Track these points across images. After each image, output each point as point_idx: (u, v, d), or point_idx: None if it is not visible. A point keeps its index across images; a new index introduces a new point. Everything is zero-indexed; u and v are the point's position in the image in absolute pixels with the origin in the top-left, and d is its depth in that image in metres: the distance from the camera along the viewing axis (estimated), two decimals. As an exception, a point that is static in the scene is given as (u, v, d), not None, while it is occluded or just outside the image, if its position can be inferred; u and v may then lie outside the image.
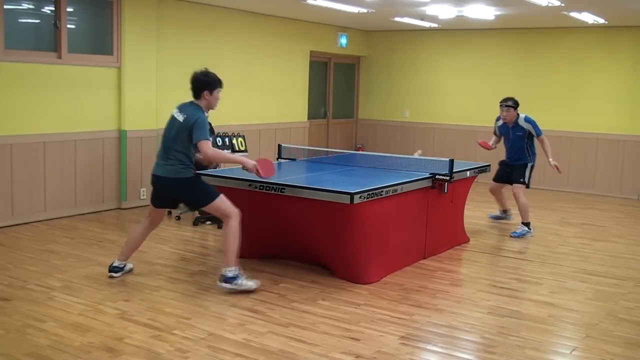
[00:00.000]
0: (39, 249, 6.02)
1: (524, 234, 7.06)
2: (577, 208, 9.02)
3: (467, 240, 6.76)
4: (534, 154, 7.20)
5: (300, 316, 4.44)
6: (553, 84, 10.49)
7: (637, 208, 9.19)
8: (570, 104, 10.36)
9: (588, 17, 8.91)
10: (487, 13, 8.94)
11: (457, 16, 9.10)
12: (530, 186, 7.25)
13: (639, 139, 9.89)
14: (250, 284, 4.89)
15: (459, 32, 11.15)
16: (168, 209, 6.14)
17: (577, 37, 10.23)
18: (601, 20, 9.19)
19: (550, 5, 7.76)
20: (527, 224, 7.13)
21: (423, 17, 9.58)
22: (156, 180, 5.04)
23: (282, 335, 4.08)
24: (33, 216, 7.03)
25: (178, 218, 7.46)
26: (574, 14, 8.67)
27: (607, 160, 10.14)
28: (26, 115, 6.91)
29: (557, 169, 7.01)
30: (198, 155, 5.04)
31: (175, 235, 6.68)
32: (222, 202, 4.94)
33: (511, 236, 7.05)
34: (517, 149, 7.16)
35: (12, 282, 5.00)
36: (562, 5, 7.86)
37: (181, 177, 4.90)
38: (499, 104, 7.22)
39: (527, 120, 7.07)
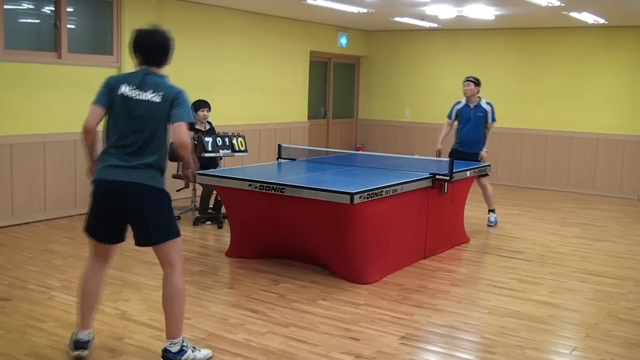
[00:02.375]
0: (39, 249, 6.02)
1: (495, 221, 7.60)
2: (577, 208, 9.02)
3: (467, 240, 6.76)
4: (483, 140, 7.46)
5: (300, 316, 4.44)
6: (553, 84, 10.49)
7: (637, 208, 9.18)
8: (570, 104, 10.36)
9: (588, 17, 8.91)
10: (487, 13, 8.94)
11: (457, 16, 9.10)
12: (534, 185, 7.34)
13: (639, 139, 9.88)
14: (202, 355, 3.65)
15: (459, 32, 11.15)
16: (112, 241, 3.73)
17: (577, 37, 10.23)
18: (601, 20, 9.19)
19: (550, 5, 7.77)
20: (493, 210, 7.62)
21: (423, 17, 9.58)
22: (113, 187, 3.44)
23: (282, 335, 4.08)
24: (33, 216, 7.03)
25: (178, 218, 7.45)
26: (574, 14, 8.66)
27: (607, 160, 10.13)
28: (26, 115, 6.91)
29: (483, 158, 7.27)
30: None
31: (175, 235, 6.66)
32: (179, 244, 3.60)
33: (489, 225, 7.53)
34: (475, 131, 7.37)
35: (12, 282, 5.00)
36: (562, 5, 7.86)
37: (157, 187, 3.49)
38: (462, 82, 7.44)
39: (489, 103, 7.40)
